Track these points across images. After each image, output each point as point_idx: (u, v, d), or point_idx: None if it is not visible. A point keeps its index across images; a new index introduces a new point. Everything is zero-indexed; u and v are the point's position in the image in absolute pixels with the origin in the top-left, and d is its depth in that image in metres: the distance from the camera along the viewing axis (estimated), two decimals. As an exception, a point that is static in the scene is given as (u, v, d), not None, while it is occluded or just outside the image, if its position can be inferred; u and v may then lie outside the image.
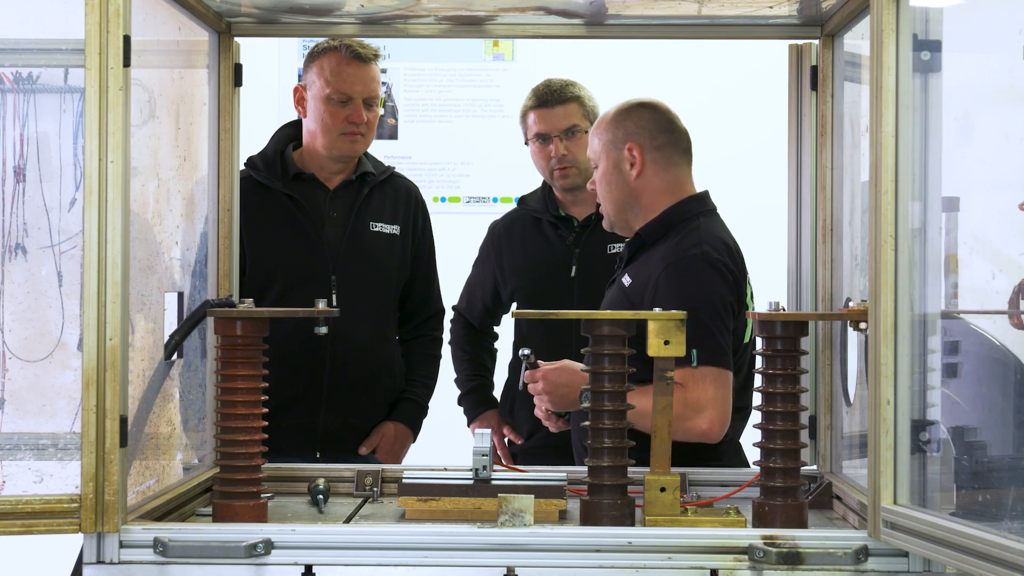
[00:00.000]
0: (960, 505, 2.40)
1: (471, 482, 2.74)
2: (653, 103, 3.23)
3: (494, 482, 2.74)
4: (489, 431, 2.90)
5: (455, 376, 3.99)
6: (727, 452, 3.20)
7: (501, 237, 3.89)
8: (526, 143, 3.87)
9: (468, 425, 3.91)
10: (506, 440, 3.88)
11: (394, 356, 3.74)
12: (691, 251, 3.04)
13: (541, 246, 3.81)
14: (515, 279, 3.84)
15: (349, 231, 3.61)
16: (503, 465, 3.22)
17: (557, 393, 3.05)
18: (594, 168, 3.26)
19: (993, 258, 2.49)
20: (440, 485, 2.73)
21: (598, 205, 3.32)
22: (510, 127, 3.93)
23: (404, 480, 2.78)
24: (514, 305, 3.88)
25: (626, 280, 3.13)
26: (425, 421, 3.81)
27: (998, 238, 2.45)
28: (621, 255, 3.27)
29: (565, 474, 2.84)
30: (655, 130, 3.19)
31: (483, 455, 2.76)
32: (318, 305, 2.73)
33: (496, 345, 4.06)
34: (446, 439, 3.80)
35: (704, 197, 3.22)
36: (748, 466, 3.29)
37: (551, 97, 3.78)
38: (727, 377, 2.95)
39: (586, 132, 3.71)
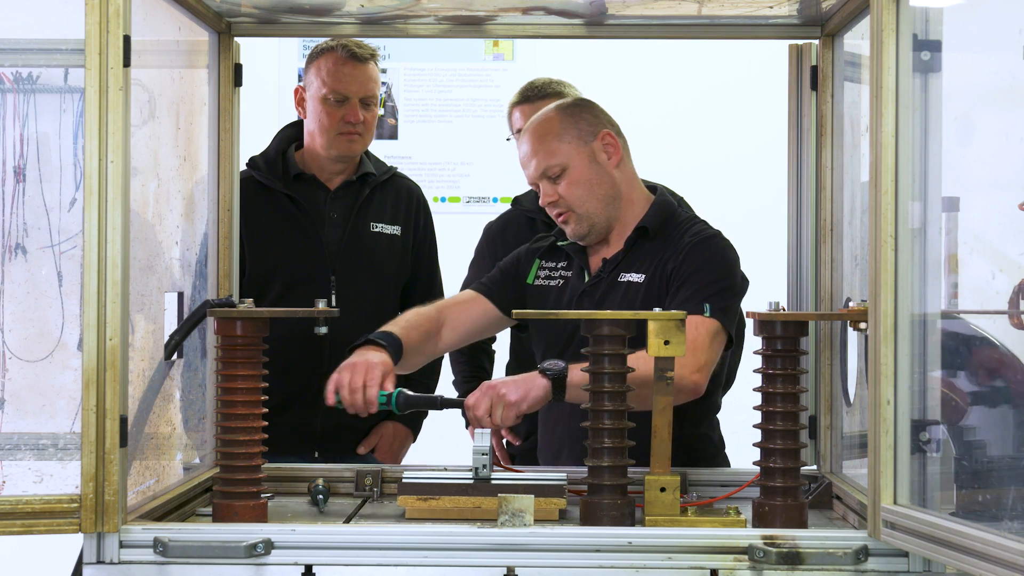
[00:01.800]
0: (960, 505, 2.40)
1: (471, 481, 2.74)
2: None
3: (494, 482, 2.74)
4: (488, 431, 2.90)
5: (453, 378, 3.99)
6: (704, 452, 3.19)
7: (496, 238, 3.89)
8: (507, 139, 3.90)
9: (467, 427, 3.91)
10: (504, 442, 3.88)
11: (393, 356, 3.73)
12: (709, 231, 3.04)
13: None
14: None
15: (349, 232, 3.61)
16: (502, 466, 3.22)
17: (511, 386, 2.77)
18: (552, 177, 3.02)
19: (993, 258, 2.49)
20: (440, 484, 2.73)
21: None
22: (510, 127, 3.95)
23: (404, 480, 2.78)
24: None
25: (634, 277, 3.01)
26: (425, 421, 3.81)
27: (998, 238, 2.45)
28: (604, 257, 3.08)
29: (565, 474, 2.84)
30: (610, 119, 3.12)
31: (483, 454, 2.76)
32: (318, 305, 2.73)
33: (493, 347, 4.05)
34: (446, 439, 3.80)
35: (665, 191, 3.18)
36: (726, 461, 3.33)
37: (532, 93, 3.80)
38: (723, 339, 2.92)
39: None
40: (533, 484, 2.72)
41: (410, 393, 2.83)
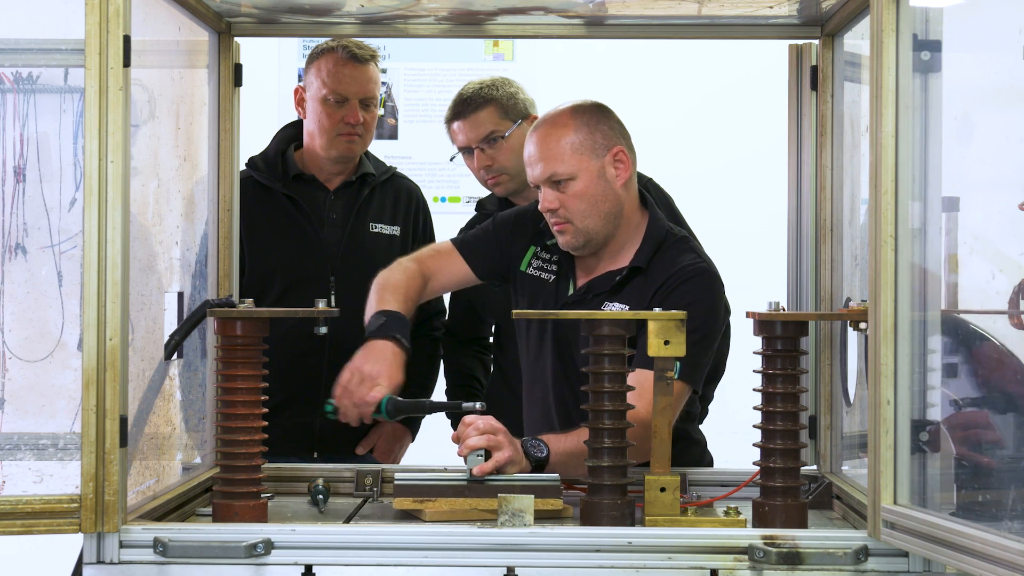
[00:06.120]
0: (960, 505, 2.40)
1: (465, 483, 2.73)
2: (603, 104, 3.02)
3: (489, 483, 2.72)
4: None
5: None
6: (691, 454, 3.19)
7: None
8: (451, 159, 3.78)
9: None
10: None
11: (393, 356, 3.73)
12: (699, 264, 2.95)
13: None
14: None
15: (348, 232, 3.61)
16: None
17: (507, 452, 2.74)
18: (557, 182, 2.92)
19: (993, 258, 2.49)
20: (435, 486, 2.72)
21: None
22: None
23: (397, 482, 2.75)
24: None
25: (617, 307, 2.93)
26: (424, 421, 3.80)
27: (998, 238, 2.45)
28: (589, 278, 3.02)
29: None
30: (625, 131, 3.01)
31: (478, 455, 2.74)
32: (318, 305, 2.73)
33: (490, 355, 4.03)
34: (445, 439, 3.79)
35: (654, 203, 3.07)
36: (711, 460, 3.35)
37: (464, 107, 3.64)
38: (687, 393, 2.90)
39: (504, 137, 3.58)
40: (528, 484, 2.71)
41: (399, 400, 2.85)
